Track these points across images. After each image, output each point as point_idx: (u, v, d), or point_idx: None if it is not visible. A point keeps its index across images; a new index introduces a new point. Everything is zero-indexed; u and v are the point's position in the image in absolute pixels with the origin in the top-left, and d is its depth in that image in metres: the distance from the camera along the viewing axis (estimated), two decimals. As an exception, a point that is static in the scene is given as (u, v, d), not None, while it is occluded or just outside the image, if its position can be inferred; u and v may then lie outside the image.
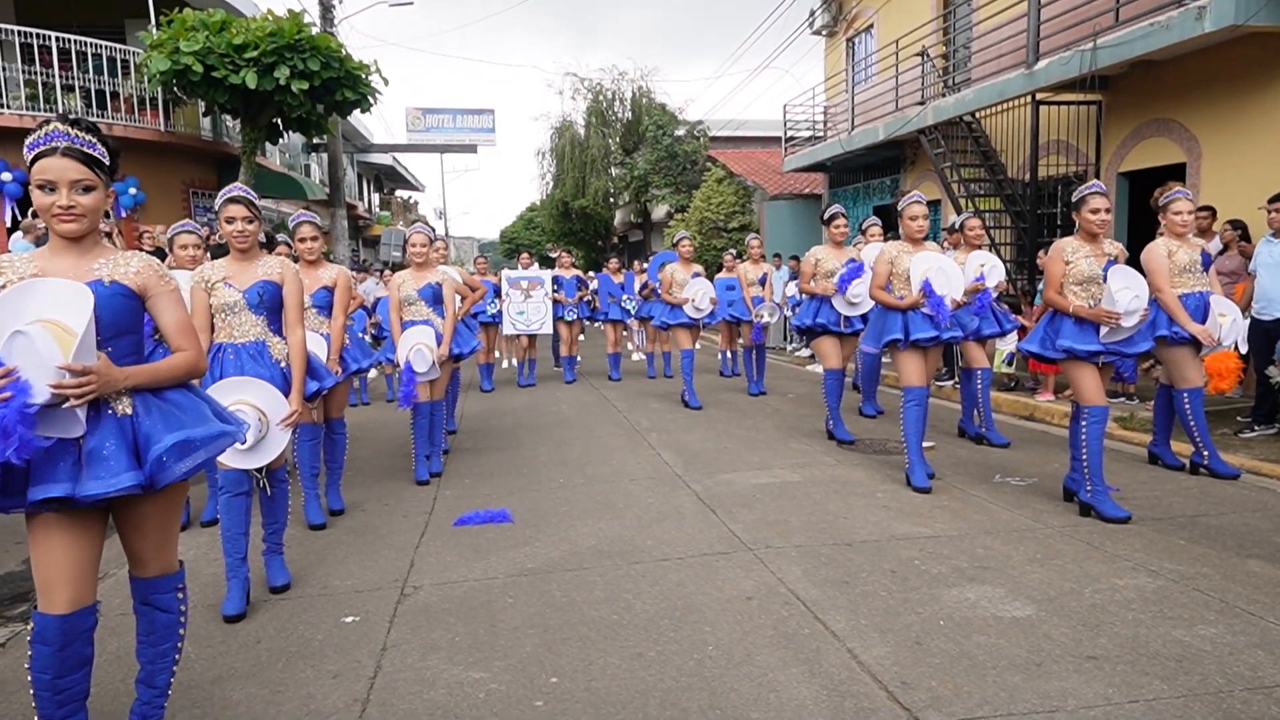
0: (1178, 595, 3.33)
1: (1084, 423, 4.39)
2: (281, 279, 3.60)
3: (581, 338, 11.83)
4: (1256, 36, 7.38)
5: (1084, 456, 4.40)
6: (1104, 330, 4.33)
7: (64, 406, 1.99)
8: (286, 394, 3.50)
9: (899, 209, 5.20)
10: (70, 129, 2.14)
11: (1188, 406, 5.10)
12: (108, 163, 2.21)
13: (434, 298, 5.56)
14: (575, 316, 10.90)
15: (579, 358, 11.59)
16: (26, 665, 2.17)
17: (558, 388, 10.47)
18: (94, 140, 2.19)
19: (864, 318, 6.63)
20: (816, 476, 5.45)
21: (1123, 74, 9.08)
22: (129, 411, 2.18)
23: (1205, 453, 5.17)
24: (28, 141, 2.15)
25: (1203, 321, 4.95)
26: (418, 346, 5.30)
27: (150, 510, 2.29)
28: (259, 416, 3.34)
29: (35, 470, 2.02)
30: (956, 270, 5.21)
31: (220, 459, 3.32)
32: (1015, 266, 10.30)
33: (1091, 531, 4.17)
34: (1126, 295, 4.26)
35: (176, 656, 2.48)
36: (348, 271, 5.20)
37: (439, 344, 5.43)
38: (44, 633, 2.13)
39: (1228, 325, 4.98)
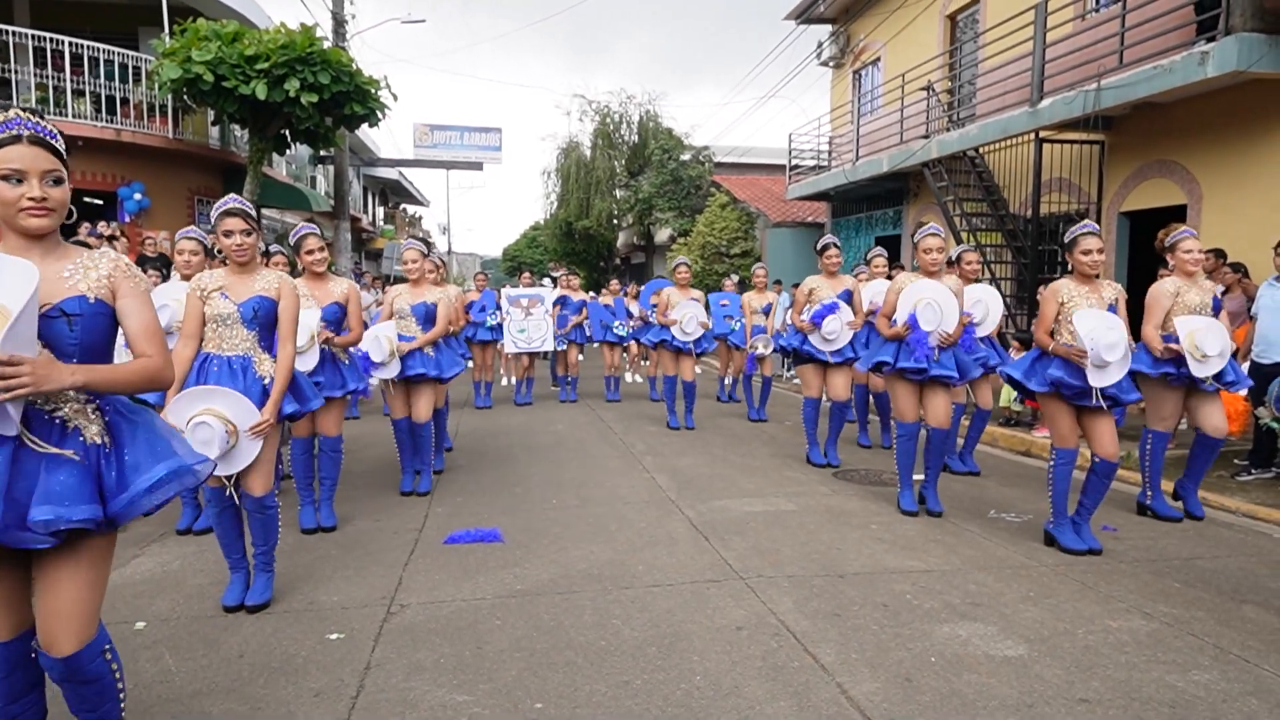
0: (1172, 639, 3.30)
1: (1051, 461, 4.51)
2: (279, 295, 3.58)
3: (580, 358, 11.81)
4: (1259, 83, 7.45)
5: (1050, 494, 4.56)
6: (1088, 371, 4.30)
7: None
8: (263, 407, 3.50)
9: (914, 240, 5.19)
10: (31, 117, 1.96)
11: (1148, 447, 5.17)
12: (65, 157, 2.03)
13: (426, 316, 5.58)
14: (582, 339, 10.97)
15: (578, 377, 11.57)
16: None
17: (554, 407, 10.44)
18: (56, 131, 2.00)
19: (852, 347, 6.62)
20: (810, 506, 5.42)
21: (1126, 115, 9.15)
22: (99, 441, 1.98)
23: (1150, 493, 5.24)
24: None
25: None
26: (376, 336, 5.32)
27: (84, 557, 1.99)
28: (225, 427, 3.31)
29: None
30: (951, 302, 5.01)
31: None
32: (1015, 302, 10.33)
33: (1085, 571, 4.13)
34: (1098, 331, 4.21)
35: (123, 707, 2.20)
36: (355, 285, 5.20)
37: (403, 340, 5.46)
38: None
39: (1202, 334, 4.79)
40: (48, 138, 1.97)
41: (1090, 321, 4.30)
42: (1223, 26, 7.24)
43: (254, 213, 3.60)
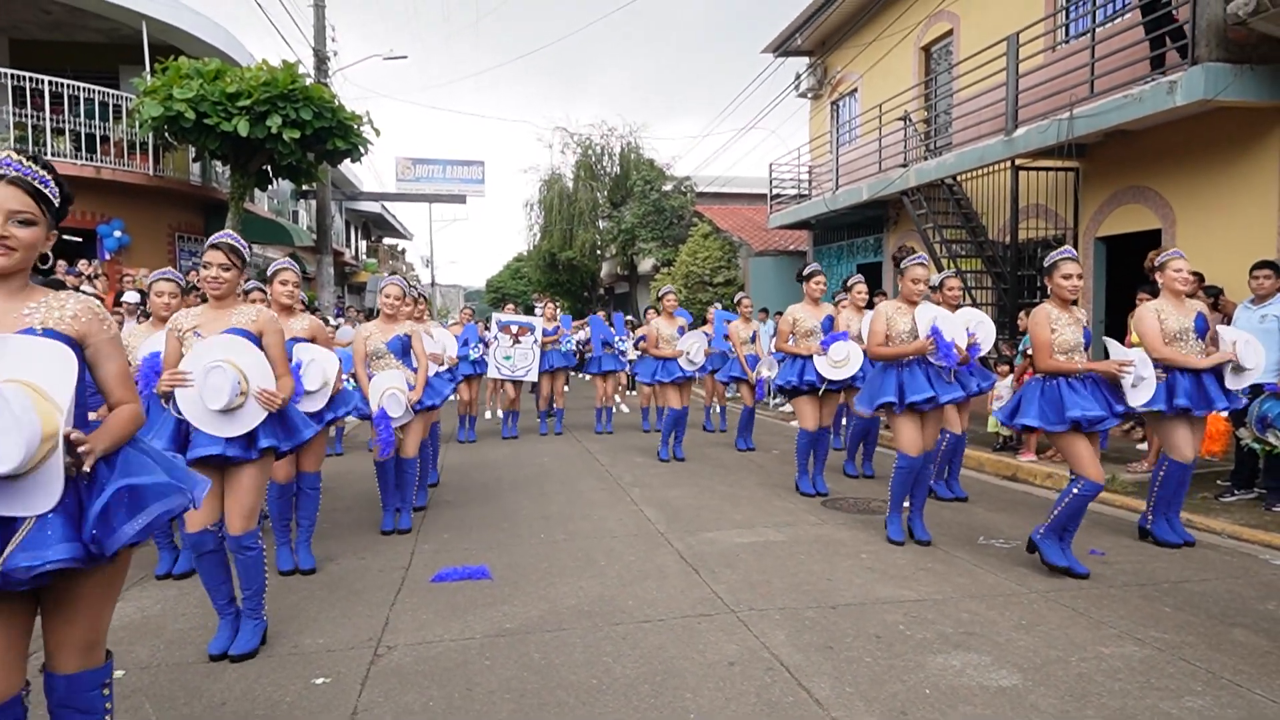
0: (1164, 665, 3.30)
1: (1076, 490, 4.41)
2: (260, 330, 3.50)
3: (565, 389, 11.73)
4: (1227, 110, 7.63)
5: (1056, 510, 4.48)
6: (1127, 391, 4.41)
7: (74, 472, 1.86)
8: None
9: (900, 268, 5.21)
10: (23, 159, 2.02)
11: (1161, 473, 5.09)
12: (57, 204, 2.07)
13: (403, 350, 5.49)
14: (556, 366, 10.69)
15: (563, 409, 11.48)
16: None
17: (540, 440, 10.39)
18: (47, 177, 2.05)
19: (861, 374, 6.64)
20: (800, 536, 5.40)
21: (1099, 142, 9.33)
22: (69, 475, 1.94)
23: (1151, 517, 5.20)
24: None
25: (1220, 383, 4.97)
26: (391, 391, 5.22)
27: (85, 590, 2.03)
28: (239, 379, 3.29)
29: None
30: (955, 319, 5.22)
31: (197, 423, 3.28)
32: (996, 327, 10.41)
33: (1076, 597, 4.13)
34: (1138, 360, 4.41)
35: None
36: (320, 322, 5.14)
37: (410, 390, 5.37)
38: None
39: (1242, 345, 4.97)
40: (28, 178, 2.02)
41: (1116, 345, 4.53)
42: (1190, 56, 7.43)
43: (243, 253, 3.52)
